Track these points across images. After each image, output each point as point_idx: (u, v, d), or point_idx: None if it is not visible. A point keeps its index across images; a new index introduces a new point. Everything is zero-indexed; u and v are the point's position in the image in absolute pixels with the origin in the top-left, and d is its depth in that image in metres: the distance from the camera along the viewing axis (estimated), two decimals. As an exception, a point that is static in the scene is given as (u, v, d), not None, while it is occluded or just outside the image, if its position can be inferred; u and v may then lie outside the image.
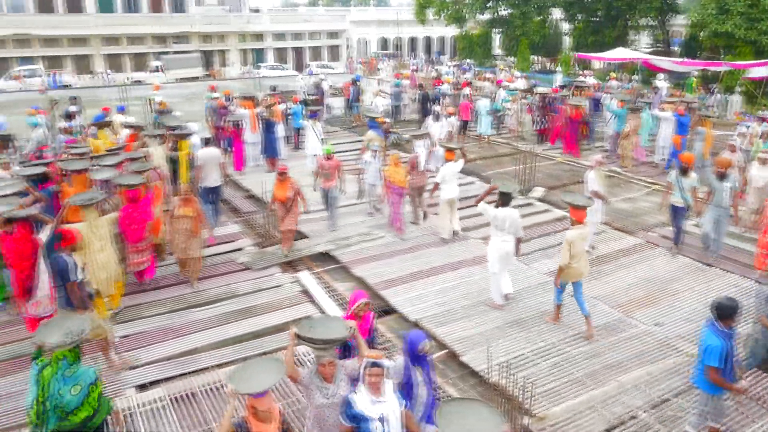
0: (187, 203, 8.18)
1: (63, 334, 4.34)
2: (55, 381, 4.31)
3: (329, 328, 4.38)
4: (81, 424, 4.40)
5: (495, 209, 7.53)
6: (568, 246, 6.90)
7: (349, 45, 54.33)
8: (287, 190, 9.20)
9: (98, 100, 23.76)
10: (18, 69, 36.59)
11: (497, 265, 7.62)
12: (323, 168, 10.36)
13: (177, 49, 44.26)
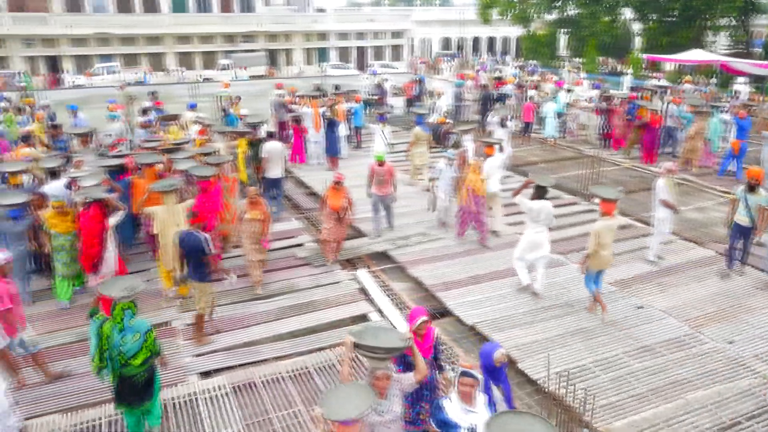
0: (256, 206, 8.11)
1: (123, 289, 5.06)
2: (116, 332, 4.99)
3: (386, 338, 4.23)
4: (140, 367, 5.08)
5: (531, 201, 7.87)
6: (595, 236, 7.20)
7: (411, 45, 54.34)
8: (342, 198, 8.94)
9: (171, 96, 24.83)
10: (97, 66, 38.70)
11: (523, 252, 8.07)
12: (376, 174, 10.04)
13: (244, 48, 45.59)
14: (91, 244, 7.50)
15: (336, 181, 8.87)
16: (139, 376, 5.13)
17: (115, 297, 5.01)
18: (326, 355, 6.85)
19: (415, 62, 45.17)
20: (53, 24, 39.89)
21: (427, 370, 4.33)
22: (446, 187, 10.29)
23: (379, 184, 10.03)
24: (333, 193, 8.91)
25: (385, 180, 9.97)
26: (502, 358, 4.46)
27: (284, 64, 48.06)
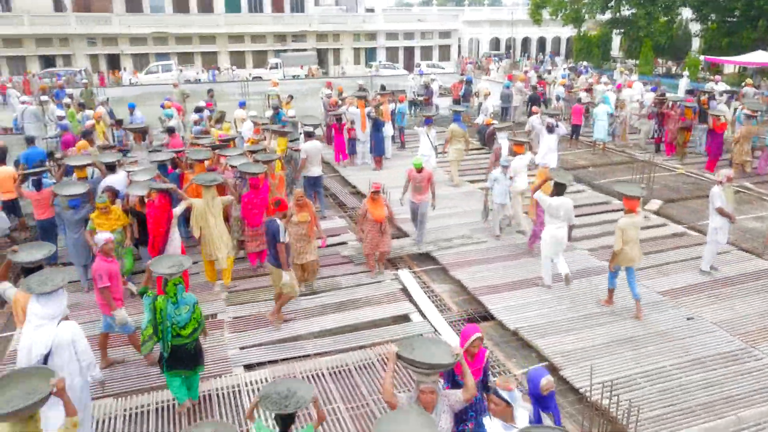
0: (303, 208, 7.97)
1: (172, 266, 5.57)
2: (169, 305, 5.50)
3: (433, 352, 4.04)
4: (189, 336, 5.60)
5: (550, 198, 8.06)
6: (620, 233, 7.35)
7: (460, 45, 54.00)
8: (383, 208, 8.55)
9: (223, 94, 25.49)
10: (154, 64, 40.08)
11: (550, 250, 8.21)
12: (413, 180, 9.62)
13: (294, 47, 46.34)
14: (158, 232, 7.87)
15: (374, 191, 8.48)
16: (189, 345, 5.63)
17: (169, 274, 5.48)
18: (366, 354, 6.90)
19: (462, 62, 44.86)
20: (115, 24, 41.59)
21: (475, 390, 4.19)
22: (501, 196, 9.87)
23: (415, 191, 9.67)
24: (373, 204, 8.52)
25: (422, 187, 9.59)
26: (549, 386, 4.30)
27: (332, 63, 48.59)
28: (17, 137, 16.46)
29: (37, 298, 4.87)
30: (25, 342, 4.86)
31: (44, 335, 4.81)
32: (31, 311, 4.93)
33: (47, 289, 4.85)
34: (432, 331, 7.41)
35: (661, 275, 8.84)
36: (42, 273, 5.21)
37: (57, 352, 4.82)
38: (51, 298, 4.88)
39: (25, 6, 40.54)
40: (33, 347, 4.79)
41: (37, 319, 4.86)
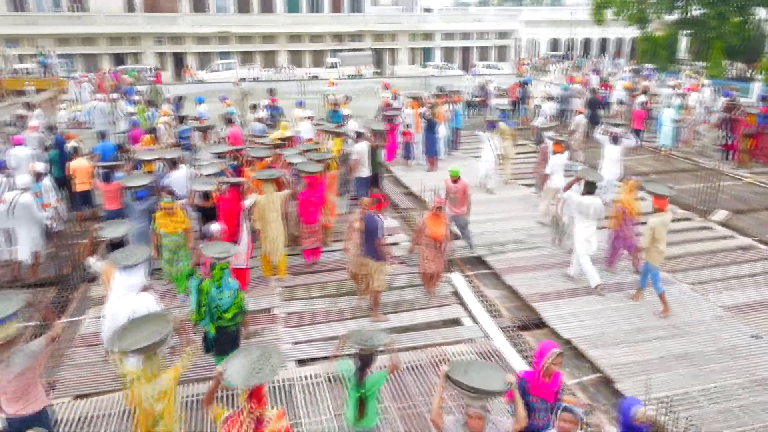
0: None
1: (220, 251, 5.95)
2: (214, 289, 5.85)
3: (486, 376, 3.95)
4: (230, 320, 5.93)
5: (580, 197, 8.25)
6: (651, 232, 7.49)
7: (518, 45, 53.15)
8: (443, 225, 7.97)
9: (281, 93, 26.01)
10: (217, 63, 41.39)
11: (584, 247, 8.34)
12: (449, 191, 9.18)
13: (351, 47, 46.83)
14: (230, 225, 8.17)
15: (436, 206, 7.92)
16: (230, 328, 5.97)
17: (214, 257, 5.85)
18: (417, 355, 6.95)
19: (520, 63, 44.14)
20: (181, 23, 43.21)
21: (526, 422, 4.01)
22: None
23: (451, 203, 9.24)
24: (433, 220, 7.93)
25: (457, 199, 9.16)
26: (644, 417, 4.10)
27: (388, 63, 48.80)
28: (90, 131, 17.39)
29: (121, 271, 5.57)
30: (111, 309, 5.57)
31: (126, 304, 5.47)
32: (115, 282, 5.63)
33: (130, 263, 5.57)
34: (483, 336, 7.39)
35: (726, 290, 8.49)
36: (125, 248, 5.99)
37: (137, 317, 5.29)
38: (132, 270, 5.58)
39: (100, 6, 42.67)
40: (117, 314, 5.46)
41: (121, 290, 5.55)
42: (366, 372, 4.65)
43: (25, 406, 4.53)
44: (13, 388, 4.47)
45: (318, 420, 5.86)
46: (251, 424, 3.80)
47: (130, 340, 4.30)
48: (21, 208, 8.56)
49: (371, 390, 4.66)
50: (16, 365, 4.40)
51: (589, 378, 6.56)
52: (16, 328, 4.48)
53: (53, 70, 32.05)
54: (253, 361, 3.92)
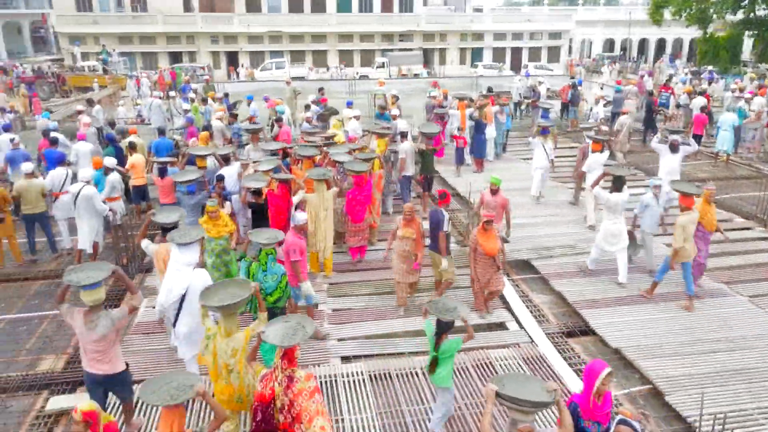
0: (410, 224, 7.57)
1: (268, 238, 6.25)
2: (260, 272, 6.21)
3: (528, 387, 3.90)
4: (273, 303, 6.21)
5: (609, 194, 8.37)
6: (681, 230, 7.48)
7: (570, 46, 52.02)
8: (495, 240, 7.39)
9: (330, 92, 26.34)
10: (268, 62, 42.21)
11: (604, 244, 8.53)
12: (486, 205, 8.51)
13: (401, 47, 46.89)
14: (279, 220, 8.46)
15: (486, 220, 7.30)
16: (274, 310, 6.13)
17: (264, 245, 6.19)
18: (460, 358, 6.89)
19: (572, 65, 43.18)
20: (235, 23, 44.29)
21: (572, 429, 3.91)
22: (651, 224, 8.71)
23: None
24: (484, 235, 7.33)
25: (496, 213, 8.26)
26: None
27: (438, 63, 48.62)
28: (148, 127, 18.07)
29: (178, 248, 5.94)
30: (168, 283, 5.88)
31: (182, 278, 5.83)
32: (173, 258, 5.99)
33: (186, 241, 5.95)
34: (528, 342, 7.29)
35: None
36: (182, 228, 6.38)
37: (191, 292, 5.78)
38: (188, 248, 5.95)
39: (159, 6, 44.20)
40: (173, 288, 5.82)
41: (177, 265, 5.91)
42: (442, 338, 5.14)
43: (106, 366, 5.10)
44: (97, 349, 5.02)
45: (360, 417, 5.92)
46: (284, 380, 4.30)
47: (216, 297, 4.87)
48: (83, 199, 8.98)
49: (444, 355, 5.16)
50: (101, 328, 4.94)
51: (638, 389, 6.38)
52: (103, 294, 5.01)
53: (114, 68, 33.38)
54: (290, 326, 4.48)
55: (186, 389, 3.89)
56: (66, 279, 4.93)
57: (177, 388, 3.88)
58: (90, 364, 5.10)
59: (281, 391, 4.29)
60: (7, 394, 6.43)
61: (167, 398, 3.81)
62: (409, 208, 7.61)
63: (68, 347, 7.35)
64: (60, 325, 7.89)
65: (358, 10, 48.31)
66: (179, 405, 3.85)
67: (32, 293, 8.87)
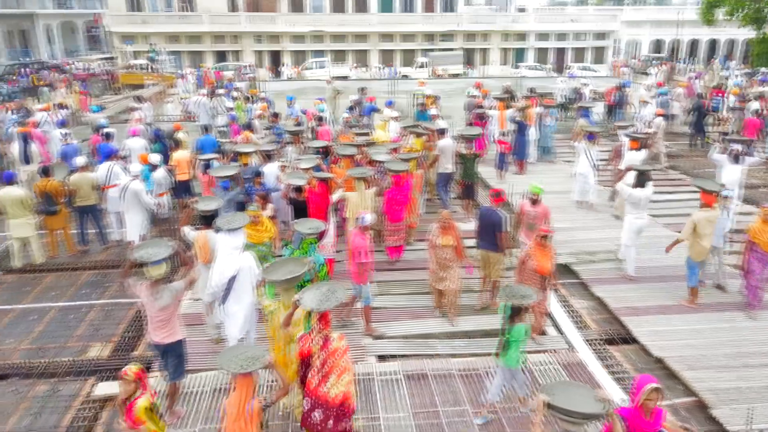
0: (448, 231, 7.33)
1: (310, 228, 6.71)
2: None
3: (581, 398, 3.85)
4: None
5: (632, 189, 8.53)
6: (692, 225, 7.53)
7: (616, 46, 50.79)
8: (550, 258, 6.88)
9: (371, 92, 26.46)
10: (311, 61, 42.70)
11: (632, 239, 8.62)
12: (526, 216, 8.19)
13: (442, 47, 46.74)
14: (317, 217, 8.43)
15: (543, 235, 6.82)
16: None
17: (305, 234, 6.59)
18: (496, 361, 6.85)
19: (618, 66, 42.15)
20: (279, 23, 45.00)
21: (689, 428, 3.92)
22: (718, 236, 8.12)
23: (528, 229, 8.14)
24: (540, 252, 6.82)
25: (536, 225, 7.91)
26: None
27: (480, 63, 48.26)
28: (193, 124, 18.51)
29: (226, 233, 6.36)
30: (219, 266, 6.28)
31: (232, 261, 6.22)
32: (221, 244, 6.41)
33: (233, 227, 6.37)
34: (566, 348, 7.17)
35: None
36: (228, 215, 6.74)
37: (240, 274, 6.23)
38: (235, 233, 6.38)
39: (206, 6, 45.31)
40: (225, 270, 6.20)
41: (227, 249, 6.31)
42: (513, 321, 5.45)
43: (167, 334, 5.61)
44: (160, 318, 5.53)
45: (395, 417, 5.93)
46: (319, 340, 4.77)
47: (277, 274, 5.43)
48: (131, 193, 9.28)
49: (512, 338, 5.47)
50: (163, 299, 5.44)
51: (681, 401, 6.20)
52: (165, 268, 5.45)
53: (163, 66, 34.34)
54: (323, 292, 4.94)
55: (257, 360, 4.28)
56: (134, 256, 5.42)
57: (249, 359, 4.28)
58: (154, 332, 5.62)
59: (318, 350, 4.78)
60: (57, 379, 6.71)
61: (241, 367, 4.19)
62: (447, 216, 7.36)
63: (114, 336, 7.62)
64: (107, 314, 8.19)
65: (400, 10, 48.37)
66: (251, 374, 4.23)
67: (82, 282, 9.22)
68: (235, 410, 4.22)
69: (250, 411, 4.21)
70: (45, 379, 6.72)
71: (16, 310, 8.35)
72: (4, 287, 9.09)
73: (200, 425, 5.83)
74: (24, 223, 9.38)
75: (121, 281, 5.85)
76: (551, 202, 11.04)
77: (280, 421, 5.84)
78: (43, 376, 6.75)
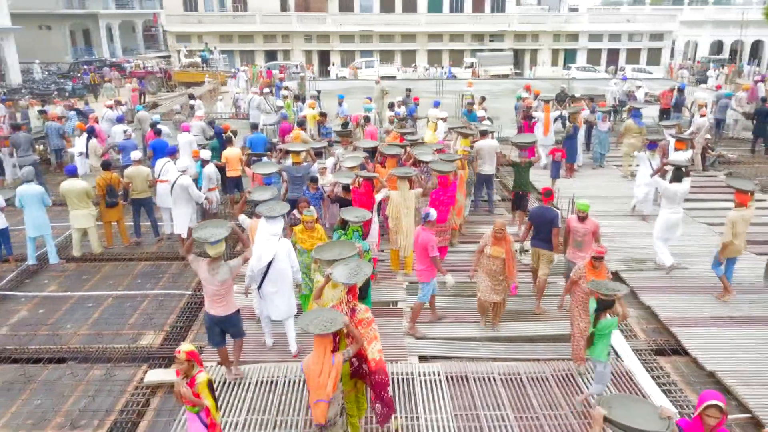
0: (500, 242, 6.99)
1: (356, 216, 7.21)
2: None
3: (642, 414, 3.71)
4: None
5: (668, 183, 8.76)
6: (731, 225, 7.64)
7: (673, 48, 49.09)
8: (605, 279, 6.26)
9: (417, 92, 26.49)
10: (359, 60, 43.02)
11: (663, 232, 8.88)
12: (574, 233, 7.52)
13: (491, 47, 46.27)
14: None
15: (596, 256, 6.26)
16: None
17: (352, 223, 7.15)
18: (541, 367, 6.77)
19: (673, 68, 40.72)
20: (328, 22, 45.55)
21: None
22: None
23: (576, 247, 7.53)
24: (593, 274, 6.28)
25: (584, 242, 7.41)
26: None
27: (529, 64, 47.54)
28: (243, 122, 18.97)
29: (266, 220, 6.70)
30: (257, 251, 6.57)
31: (270, 247, 6.56)
32: (261, 230, 6.73)
33: (273, 214, 6.72)
34: (613, 356, 7.00)
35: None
36: (268, 203, 7.08)
37: (278, 259, 6.58)
38: (275, 221, 6.71)
39: (258, 7, 46.31)
40: (263, 255, 6.53)
41: (266, 235, 6.64)
42: (602, 315, 5.59)
43: (224, 307, 6.11)
44: (217, 292, 6.01)
45: (436, 417, 5.94)
46: (348, 311, 5.15)
47: (328, 254, 5.87)
48: (178, 188, 9.59)
49: (601, 331, 5.62)
50: (222, 274, 5.93)
51: (734, 417, 5.96)
52: (224, 247, 5.99)
53: (215, 65, 35.28)
54: (352, 268, 5.39)
55: (335, 322, 4.65)
56: (195, 235, 5.91)
57: (328, 320, 4.64)
58: (211, 306, 6.10)
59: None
60: (113, 364, 7.02)
61: (322, 328, 4.55)
62: (501, 226, 6.98)
63: (165, 325, 7.91)
64: (160, 304, 8.51)
65: (449, 10, 48.16)
66: (329, 334, 4.58)
67: (137, 273, 9.60)
68: (318, 367, 4.57)
69: (333, 364, 4.57)
70: (101, 363, 7.04)
71: (75, 297, 8.78)
72: (66, 275, 9.56)
73: (245, 415, 5.99)
74: (86, 214, 9.83)
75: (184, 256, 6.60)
76: (599, 207, 10.96)
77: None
78: (99, 361, 7.08)
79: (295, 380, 6.52)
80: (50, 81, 33.86)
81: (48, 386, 6.61)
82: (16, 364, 7.02)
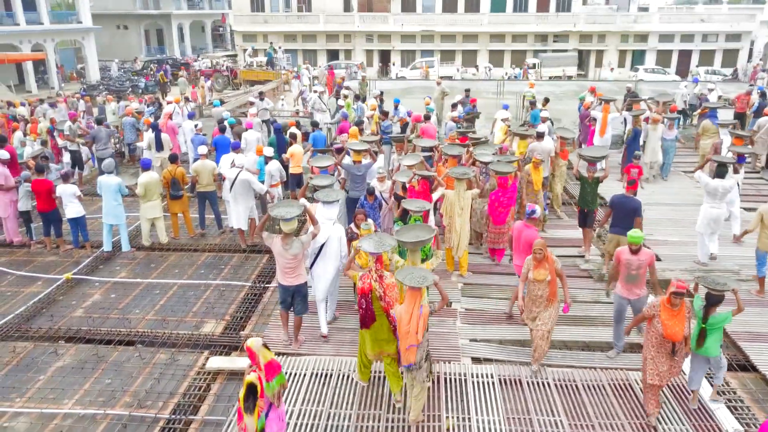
0: (542, 263, 6.35)
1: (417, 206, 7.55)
2: None
3: None
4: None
5: (710, 179, 8.94)
6: (759, 216, 7.98)
7: (751, 49, 46.43)
8: (684, 321, 5.48)
9: (478, 93, 26.24)
10: (419, 60, 43.01)
11: (704, 227, 9.07)
12: (626, 266, 6.60)
13: (554, 48, 45.23)
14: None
15: (676, 291, 5.39)
16: None
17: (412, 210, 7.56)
18: (597, 375, 6.63)
19: (754, 71, 38.52)
20: (390, 22, 45.76)
21: None
22: None
23: (628, 282, 6.67)
24: (669, 314, 5.47)
25: (638, 276, 6.62)
26: None
27: (593, 65, 46.16)
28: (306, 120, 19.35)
29: (323, 205, 7.31)
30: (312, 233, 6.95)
31: (325, 230, 7.07)
32: (319, 213, 7.29)
33: (330, 199, 7.29)
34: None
35: None
36: (326, 190, 7.67)
37: (330, 241, 7.08)
38: (331, 206, 7.28)
39: (321, 7, 47.07)
40: (318, 236, 6.96)
41: (322, 219, 7.16)
42: (711, 310, 5.58)
43: (295, 278, 6.81)
44: (290, 265, 6.69)
45: (487, 419, 5.93)
46: (376, 278, 5.84)
47: (408, 236, 6.32)
48: (239, 183, 9.92)
49: (713, 326, 5.59)
50: (294, 249, 6.60)
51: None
52: (296, 224, 6.58)
53: (279, 64, 36.15)
54: (377, 239, 6.04)
55: (427, 278, 5.44)
56: (272, 213, 6.56)
57: (421, 277, 5.43)
58: (284, 278, 6.80)
59: (377, 285, 5.81)
60: (177, 349, 7.37)
61: (416, 282, 5.36)
62: (541, 246, 6.32)
63: (226, 315, 8.23)
64: (221, 294, 8.86)
65: (513, 10, 47.36)
66: (419, 288, 5.35)
67: (201, 263, 10.03)
68: (408, 316, 5.36)
69: (420, 314, 5.34)
70: (166, 348, 7.41)
71: (144, 283, 9.26)
72: (136, 263, 10.10)
73: (299, 405, 6.16)
74: (157, 205, 10.37)
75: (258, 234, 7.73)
76: (664, 214, 10.57)
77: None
78: (164, 346, 7.45)
79: (348, 375, 6.65)
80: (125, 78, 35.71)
81: (117, 367, 7.03)
82: (90, 345, 7.49)
